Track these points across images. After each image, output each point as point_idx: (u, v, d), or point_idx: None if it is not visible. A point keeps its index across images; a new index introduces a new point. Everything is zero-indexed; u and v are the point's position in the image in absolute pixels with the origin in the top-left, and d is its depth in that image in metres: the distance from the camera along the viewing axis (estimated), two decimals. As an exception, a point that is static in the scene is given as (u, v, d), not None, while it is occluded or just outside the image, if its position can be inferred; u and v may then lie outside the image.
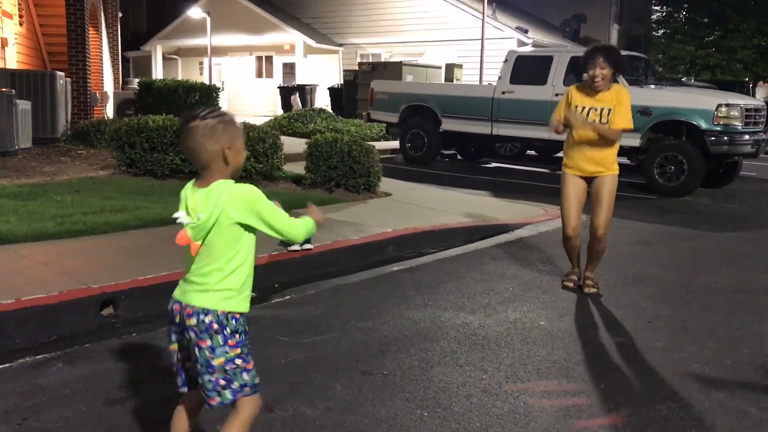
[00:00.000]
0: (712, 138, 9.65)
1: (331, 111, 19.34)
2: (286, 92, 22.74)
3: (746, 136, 9.80)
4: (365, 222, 6.40)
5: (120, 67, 18.73)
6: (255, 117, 20.37)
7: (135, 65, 30.45)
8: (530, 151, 14.69)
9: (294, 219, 2.22)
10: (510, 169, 13.02)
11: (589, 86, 4.71)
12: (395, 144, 14.04)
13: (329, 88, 22.27)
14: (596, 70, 4.58)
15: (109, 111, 15.83)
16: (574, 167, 4.81)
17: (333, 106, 21.08)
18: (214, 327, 2.09)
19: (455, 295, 4.70)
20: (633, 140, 9.82)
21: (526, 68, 11.71)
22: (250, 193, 2.11)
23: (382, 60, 22.97)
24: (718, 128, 9.64)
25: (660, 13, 32.98)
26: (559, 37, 26.79)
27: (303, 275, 5.05)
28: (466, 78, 20.86)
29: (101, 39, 15.77)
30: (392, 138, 14.52)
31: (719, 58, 27.71)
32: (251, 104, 27.36)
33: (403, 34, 25.01)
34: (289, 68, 27.13)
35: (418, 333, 3.94)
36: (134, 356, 3.47)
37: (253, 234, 2.18)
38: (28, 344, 3.58)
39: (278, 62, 27.73)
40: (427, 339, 3.84)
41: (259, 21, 26.56)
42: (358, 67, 20.44)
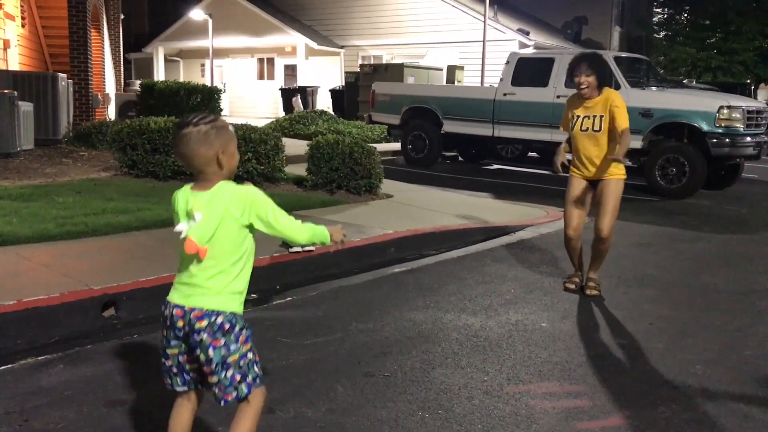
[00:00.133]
0: (713, 140, 9.65)
1: (333, 113, 19.37)
2: (287, 94, 22.77)
3: (748, 138, 9.81)
4: (366, 223, 6.40)
5: (122, 68, 18.75)
6: (256, 119, 20.41)
7: (137, 67, 30.49)
8: (532, 153, 14.68)
9: (298, 222, 2.24)
10: (511, 171, 13.02)
11: (578, 95, 4.78)
12: (397, 146, 14.05)
13: (331, 90, 22.29)
14: (581, 77, 4.66)
15: (111, 113, 15.85)
16: (580, 171, 4.88)
17: (334, 107, 21.10)
18: (226, 327, 2.14)
19: (457, 297, 4.70)
20: (635, 142, 9.78)
21: (528, 70, 11.71)
22: (250, 192, 2.15)
23: (384, 62, 22.99)
24: (720, 130, 9.64)
25: (661, 15, 32.97)
26: (561, 39, 26.81)
27: (304, 277, 5.06)
28: (468, 80, 20.88)
29: (103, 41, 15.80)
30: (393, 140, 14.54)
31: (721, 60, 27.70)
32: (253, 106, 27.39)
33: (404, 35, 25.04)
34: (290, 70, 27.17)
35: (419, 334, 3.94)
36: (135, 357, 3.47)
37: (253, 236, 2.21)
38: (30, 345, 3.58)
39: (280, 64, 27.77)
40: (429, 341, 3.84)
41: (261, 23, 26.60)
42: (359, 69, 20.45)
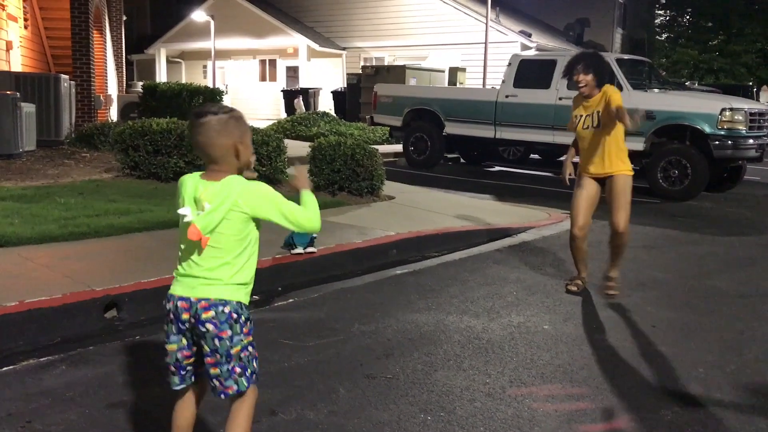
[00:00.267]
0: (716, 142, 9.64)
1: (335, 114, 19.37)
2: (289, 96, 22.77)
3: (750, 141, 9.79)
4: (368, 225, 6.40)
5: (124, 70, 18.76)
6: (258, 120, 20.43)
7: (139, 68, 30.50)
8: (534, 155, 14.68)
9: (303, 210, 2.25)
10: (513, 173, 13.01)
11: (580, 94, 4.83)
12: (398, 147, 14.05)
13: (333, 92, 22.30)
14: (579, 76, 4.70)
15: (113, 114, 15.86)
16: (588, 169, 4.88)
17: (336, 109, 21.11)
18: (233, 317, 2.15)
19: (459, 299, 4.69)
20: (637, 144, 9.77)
21: (530, 72, 11.71)
22: (263, 187, 2.17)
23: (386, 63, 23.02)
24: (722, 132, 9.63)
25: (664, 17, 32.99)
26: (563, 41, 26.80)
27: (306, 278, 5.05)
28: (470, 81, 20.88)
29: (105, 42, 15.81)
30: (395, 141, 14.54)
31: (723, 62, 27.72)
32: (255, 107, 27.39)
33: (406, 37, 25.04)
34: (292, 72, 27.18)
35: (421, 337, 3.94)
36: (138, 359, 3.47)
37: (258, 230, 2.22)
38: (32, 346, 3.58)
39: (282, 66, 27.78)
40: (431, 343, 3.84)
41: (263, 25, 26.61)
42: (361, 71, 20.46)
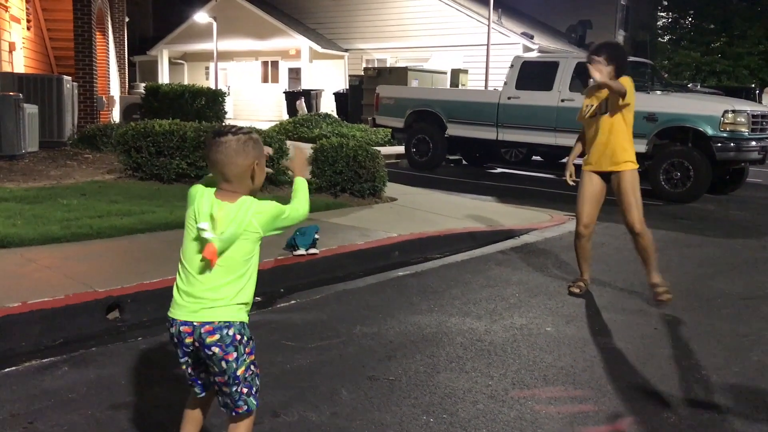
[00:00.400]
0: (718, 144, 9.63)
1: (337, 116, 19.38)
2: (291, 97, 22.79)
3: (753, 143, 9.78)
4: (370, 227, 6.40)
5: (126, 71, 18.80)
6: (261, 122, 20.46)
7: (141, 70, 30.57)
8: (536, 157, 14.67)
9: (294, 203, 2.30)
10: (515, 175, 13.01)
11: (595, 85, 4.78)
12: (400, 149, 14.05)
13: (335, 93, 22.31)
14: (597, 66, 4.65)
15: (116, 115, 15.89)
16: (592, 162, 4.86)
17: (338, 111, 21.12)
18: (237, 338, 2.14)
19: (461, 301, 4.69)
20: (639, 146, 9.68)
21: (532, 74, 11.70)
22: (274, 207, 2.18)
23: (388, 65, 23.05)
24: (725, 134, 9.62)
25: (666, 19, 32.98)
26: (565, 43, 26.82)
27: (308, 280, 5.05)
28: (472, 83, 20.87)
29: (108, 43, 15.84)
30: (397, 143, 14.54)
31: (725, 64, 27.70)
32: (257, 109, 27.44)
33: (408, 39, 25.06)
34: (294, 73, 27.22)
35: (423, 338, 3.93)
36: (140, 360, 3.47)
37: (259, 247, 2.23)
38: (34, 347, 3.58)
39: (284, 67, 27.81)
40: (433, 344, 3.83)
41: (265, 26, 26.65)
42: (363, 72, 20.47)
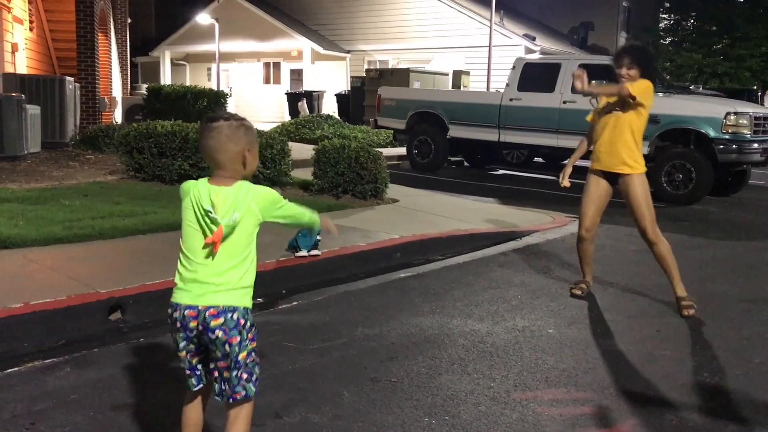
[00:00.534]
0: (720, 146, 9.63)
1: (339, 117, 19.39)
2: (293, 98, 22.80)
3: (755, 145, 9.78)
4: (372, 228, 6.40)
5: (128, 72, 18.83)
6: (263, 123, 20.47)
7: (143, 71, 30.61)
8: (538, 159, 14.67)
9: (301, 208, 2.36)
10: (517, 177, 13.01)
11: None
12: (402, 150, 14.06)
13: (336, 95, 22.33)
14: (623, 70, 4.61)
15: (118, 116, 15.91)
16: (597, 160, 4.82)
17: (340, 112, 21.13)
18: (241, 323, 2.18)
19: (463, 303, 4.69)
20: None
21: (534, 75, 11.71)
22: (272, 192, 2.22)
23: (390, 67, 23.03)
24: (727, 136, 9.62)
25: (668, 21, 32.94)
26: (567, 45, 26.81)
27: (310, 281, 5.04)
28: (474, 85, 20.89)
29: (110, 44, 15.86)
30: (399, 144, 14.54)
31: (727, 66, 27.66)
32: (259, 110, 27.44)
33: (410, 40, 25.08)
34: (296, 74, 27.24)
35: (425, 340, 3.93)
36: (142, 361, 3.47)
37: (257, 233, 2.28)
38: (36, 348, 3.59)
39: (286, 68, 27.84)
40: (435, 346, 3.83)
41: (267, 27, 26.67)
42: (365, 74, 20.48)
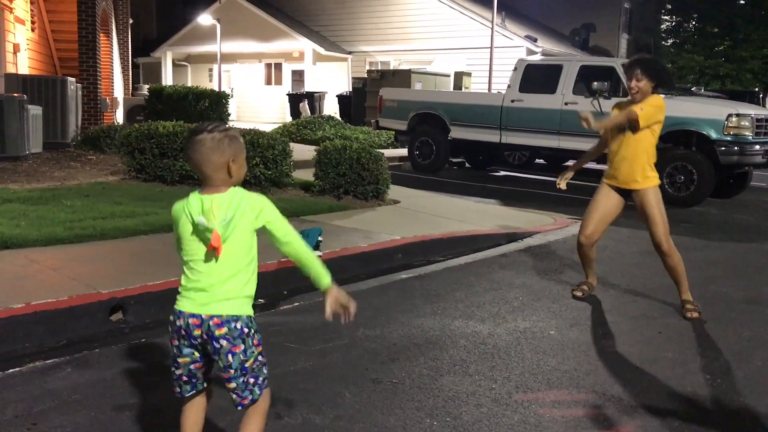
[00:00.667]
0: (722, 148, 9.62)
1: (340, 118, 19.39)
2: (295, 99, 22.82)
3: (757, 146, 9.77)
4: (374, 229, 6.40)
5: (130, 73, 18.84)
6: (264, 124, 20.47)
7: (145, 71, 30.64)
8: (539, 160, 14.67)
9: (297, 234, 2.32)
10: (518, 178, 13.00)
11: (628, 100, 4.71)
12: (404, 152, 14.06)
13: (338, 96, 22.34)
14: (633, 82, 4.56)
15: (119, 117, 15.92)
16: (611, 177, 4.81)
17: (342, 113, 21.14)
18: (245, 331, 2.19)
19: (464, 304, 4.68)
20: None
21: (536, 77, 11.72)
22: (265, 199, 2.22)
23: (391, 68, 23.03)
24: (729, 138, 9.61)
25: (669, 23, 32.95)
26: (569, 46, 26.81)
27: (312, 282, 5.03)
28: (475, 86, 20.89)
29: (112, 45, 15.87)
30: (401, 145, 14.54)
31: (729, 67, 27.67)
32: (260, 111, 27.47)
33: (411, 42, 25.08)
34: (298, 75, 27.25)
35: (427, 341, 3.93)
36: (143, 361, 3.47)
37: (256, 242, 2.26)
38: (38, 348, 3.59)
39: (287, 69, 27.85)
40: (437, 347, 3.83)
41: (269, 28, 26.69)
42: (366, 75, 20.49)
